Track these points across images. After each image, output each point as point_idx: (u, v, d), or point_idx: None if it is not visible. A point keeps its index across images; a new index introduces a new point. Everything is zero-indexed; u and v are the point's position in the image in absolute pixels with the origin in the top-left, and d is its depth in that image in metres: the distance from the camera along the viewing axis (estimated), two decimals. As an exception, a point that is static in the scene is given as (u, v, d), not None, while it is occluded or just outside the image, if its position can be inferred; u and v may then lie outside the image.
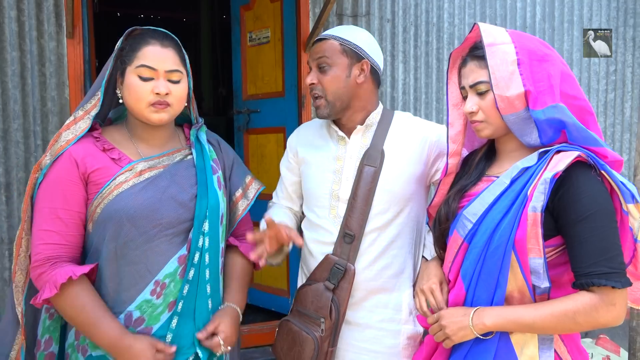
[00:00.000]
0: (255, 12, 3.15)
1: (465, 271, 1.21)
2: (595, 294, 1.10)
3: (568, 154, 1.13)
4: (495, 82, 1.17)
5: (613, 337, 3.36)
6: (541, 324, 1.13)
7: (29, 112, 2.40)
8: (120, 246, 1.29)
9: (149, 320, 1.30)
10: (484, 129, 1.25)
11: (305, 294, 1.52)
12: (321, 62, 1.50)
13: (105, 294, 1.30)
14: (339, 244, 1.50)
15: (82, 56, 2.46)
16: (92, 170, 1.30)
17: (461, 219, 1.24)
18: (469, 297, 1.21)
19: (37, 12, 2.40)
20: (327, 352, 1.46)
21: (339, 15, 2.92)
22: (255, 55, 3.18)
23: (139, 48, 1.30)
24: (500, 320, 1.15)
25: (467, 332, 1.18)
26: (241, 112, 3.28)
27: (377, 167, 1.50)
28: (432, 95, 3.16)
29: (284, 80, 2.99)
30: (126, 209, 1.28)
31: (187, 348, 1.33)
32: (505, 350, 1.17)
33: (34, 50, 2.40)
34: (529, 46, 1.20)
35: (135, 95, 1.29)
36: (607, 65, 3.54)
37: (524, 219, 1.13)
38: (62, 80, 2.44)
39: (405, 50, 3.08)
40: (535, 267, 1.14)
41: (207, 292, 1.37)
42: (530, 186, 1.14)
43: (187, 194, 1.35)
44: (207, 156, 1.43)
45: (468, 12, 3.21)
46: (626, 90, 3.61)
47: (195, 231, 1.33)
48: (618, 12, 3.54)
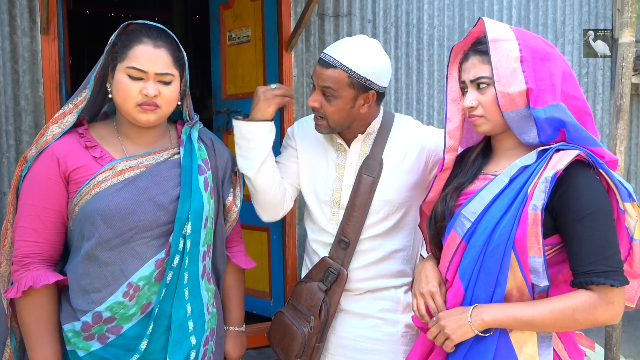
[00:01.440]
0: (234, 11, 3.11)
1: (463, 270, 1.21)
2: (594, 292, 1.11)
3: (568, 152, 1.14)
4: (498, 78, 1.17)
5: (587, 332, 3.44)
6: (540, 321, 1.13)
7: (1, 111, 2.30)
8: (93, 246, 1.26)
9: (120, 320, 1.29)
10: (482, 124, 1.25)
11: (301, 291, 1.59)
12: (327, 91, 1.45)
13: (76, 292, 1.29)
14: (335, 249, 1.55)
15: (57, 53, 2.37)
16: (73, 169, 1.28)
17: (459, 217, 1.23)
18: (467, 297, 1.20)
19: (10, 7, 2.31)
20: (313, 347, 1.53)
21: (320, 15, 2.91)
22: (234, 55, 3.14)
23: (131, 46, 1.26)
24: (499, 316, 1.15)
25: (466, 330, 1.17)
26: (220, 112, 3.23)
27: (375, 177, 1.52)
28: (413, 96, 3.19)
29: (265, 79, 2.96)
30: (101, 209, 1.25)
31: (159, 353, 1.31)
32: (505, 349, 1.17)
33: (7, 46, 2.31)
34: (532, 44, 1.20)
35: (123, 94, 1.26)
36: (579, 68, 3.63)
37: (524, 217, 1.13)
38: (37, 78, 2.35)
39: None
40: (535, 266, 1.14)
41: (185, 297, 1.33)
42: (530, 185, 1.15)
43: (168, 196, 1.32)
44: (195, 156, 1.38)
45: (447, 14, 3.25)
46: (597, 93, 3.72)
47: (175, 234, 1.30)
48: (589, 16, 3.64)
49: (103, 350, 1.28)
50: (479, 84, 1.22)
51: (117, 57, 1.28)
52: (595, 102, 3.72)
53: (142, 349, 1.28)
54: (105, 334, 1.28)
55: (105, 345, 1.28)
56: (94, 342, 1.28)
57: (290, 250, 2.85)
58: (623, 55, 2.05)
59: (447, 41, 3.25)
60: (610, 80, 3.71)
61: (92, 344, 1.28)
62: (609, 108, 3.70)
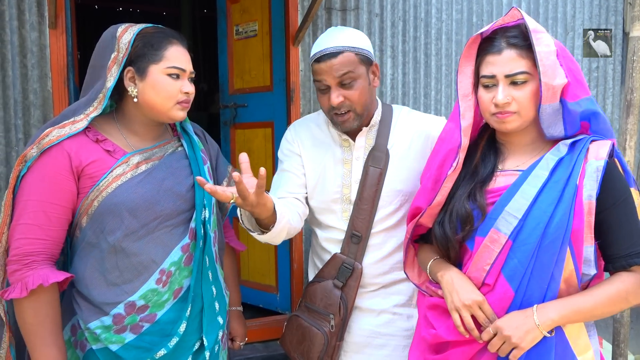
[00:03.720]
0: (242, 5, 3.10)
1: (512, 271, 1.15)
2: (637, 273, 1.15)
3: (603, 142, 1.17)
4: (544, 70, 1.14)
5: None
6: (601, 309, 1.14)
7: (10, 105, 2.32)
8: (120, 239, 1.28)
9: (153, 308, 1.32)
10: (513, 121, 1.20)
11: (315, 291, 1.56)
12: (346, 78, 1.43)
13: (101, 287, 1.29)
14: (347, 244, 1.53)
15: (66, 47, 2.38)
16: (87, 163, 1.28)
17: (502, 215, 1.17)
18: (518, 298, 1.16)
19: (18, 1, 2.31)
20: (334, 346, 1.52)
21: (327, 9, 2.90)
22: (242, 49, 3.13)
23: (165, 47, 1.31)
24: (565, 311, 1.13)
25: (536, 334, 1.12)
26: (228, 107, 3.23)
27: (382, 168, 1.51)
28: (420, 91, 3.17)
29: (272, 74, 2.95)
30: (126, 202, 1.28)
31: (193, 333, 1.36)
32: (562, 345, 1.16)
33: (15, 40, 2.32)
34: (555, 41, 1.19)
35: (165, 93, 1.31)
36: (589, 62, 3.60)
37: (579, 208, 1.14)
38: (45, 72, 2.36)
39: (394, 45, 3.08)
40: (588, 255, 1.16)
41: (210, 279, 1.40)
42: (576, 175, 1.15)
43: (184, 186, 1.38)
44: (196, 147, 1.45)
45: (455, 8, 3.22)
46: (607, 87, 3.68)
47: (197, 220, 1.37)
48: (600, 10, 3.60)
49: (138, 340, 1.30)
50: (515, 80, 1.18)
51: (148, 58, 1.29)
52: (606, 96, 3.68)
53: (181, 331, 1.33)
54: (139, 324, 1.30)
55: (141, 335, 1.30)
56: (127, 334, 1.29)
57: (297, 244, 2.85)
58: (634, 49, 2.02)
59: (456, 35, 3.23)
60: (620, 74, 3.67)
61: (126, 336, 1.29)
62: (619, 103, 3.67)
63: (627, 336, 2.14)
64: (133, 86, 1.31)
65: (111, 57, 1.29)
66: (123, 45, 1.29)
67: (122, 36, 1.29)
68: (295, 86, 2.82)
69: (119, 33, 1.30)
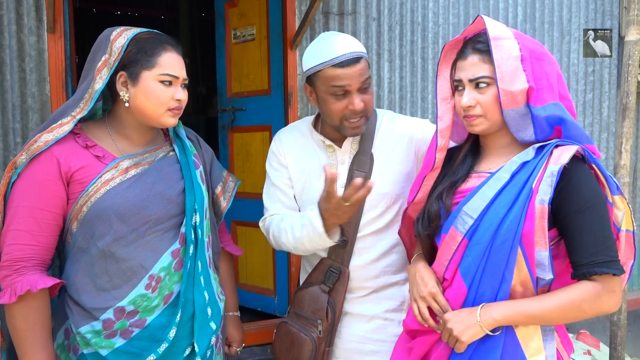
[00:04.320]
0: (240, 9, 3.12)
1: (466, 269, 1.20)
2: (597, 282, 1.14)
3: (568, 147, 1.16)
4: (501, 76, 1.17)
5: (592, 331, 3.43)
6: (550, 315, 1.15)
7: (8, 109, 2.32)
8: (109, 244, 1.28)
9: (143, 313, 1.31)
10: (479, 124, 1.24)
11: (302, 297, 1.56)
12: (365, 83, 1.44)
13: (91, 292, 1.29)
14: (333, 248, 1.52)
15: (64, 51, 2.39)
16: (77, 169, 1.28)
17: (460, 215, 1.23)
18: (470, 295, 1.20)
19: (17, 6, 2.32)
20: (324, 352, 1.51)
21: (325, 13, 2.91)
22: (240, 53, 3.14)
23: (158, 53, 1.30)
24: (510, 313, 1.15)
25: (476, 330, 1.16)
26: (226, 110, 3.24)
27: (366, 172, 1.51)
28: (417, 94, 3.18)
29: (270, 78, 2.96)
30: (115, 206, 1.27)
31: (184, 339, 1.35)
32: (512, 346, 1.17)
33: (13, 45, 2.32)
34: (528, 44, 1.21)
35: (156, 100, 1.30)
36: (585, 66, 3.62)
37: (531, 212, 1.14)
38: (43, 76, 2.36)
39: (391, 49, 3.09)
40: (541, 260, 1.16)
41: (202, 284, 1.38)
42: (534, 179, 1.16)
43: (174, 190, 1.37)
44: (189, 152, 1.45)
45: (452, 12, 3.24)
46: (604, 91, 3.70)
47: (187, 224, 1.35)
48: (596, 14, 3.62)
49: (128, 345, 1.30)
50: (478, 84, 1.22)
51: (141, 64, 1.29)
52: (602, 100, 3.70)
53: (171, 337, 1.31)
54: (129, 329, 1.30)
55: (130, 340, 1.30)
56: (117, 339, 1.29)
57: (295, 248, 2.85)
58: (629, 53, 2.04)
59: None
60: (616, 78, 3.69)
61: (116, 341, 1.29)
62: (615, 106, 3.68)
63: (625, 339, 2.14)
64: (125, 91, 1.31)
65: (102, 59, 1.29)
66: (116, 49, 1.28)
67: (116, 40, 1.29)
68: (293, 90, 2.83)
69: (113, 36, 1.30)
